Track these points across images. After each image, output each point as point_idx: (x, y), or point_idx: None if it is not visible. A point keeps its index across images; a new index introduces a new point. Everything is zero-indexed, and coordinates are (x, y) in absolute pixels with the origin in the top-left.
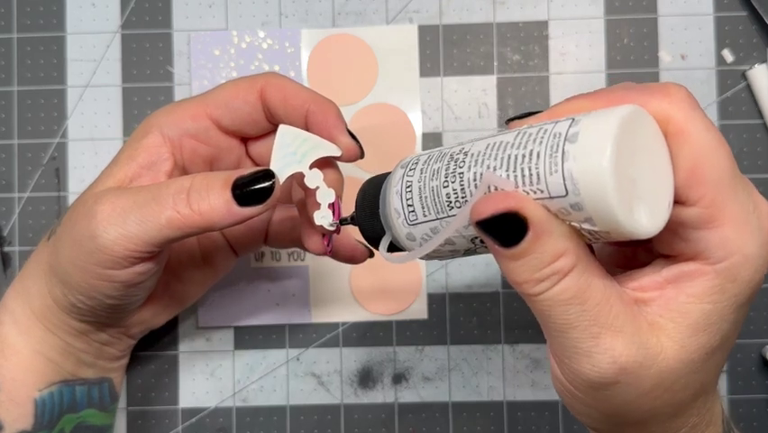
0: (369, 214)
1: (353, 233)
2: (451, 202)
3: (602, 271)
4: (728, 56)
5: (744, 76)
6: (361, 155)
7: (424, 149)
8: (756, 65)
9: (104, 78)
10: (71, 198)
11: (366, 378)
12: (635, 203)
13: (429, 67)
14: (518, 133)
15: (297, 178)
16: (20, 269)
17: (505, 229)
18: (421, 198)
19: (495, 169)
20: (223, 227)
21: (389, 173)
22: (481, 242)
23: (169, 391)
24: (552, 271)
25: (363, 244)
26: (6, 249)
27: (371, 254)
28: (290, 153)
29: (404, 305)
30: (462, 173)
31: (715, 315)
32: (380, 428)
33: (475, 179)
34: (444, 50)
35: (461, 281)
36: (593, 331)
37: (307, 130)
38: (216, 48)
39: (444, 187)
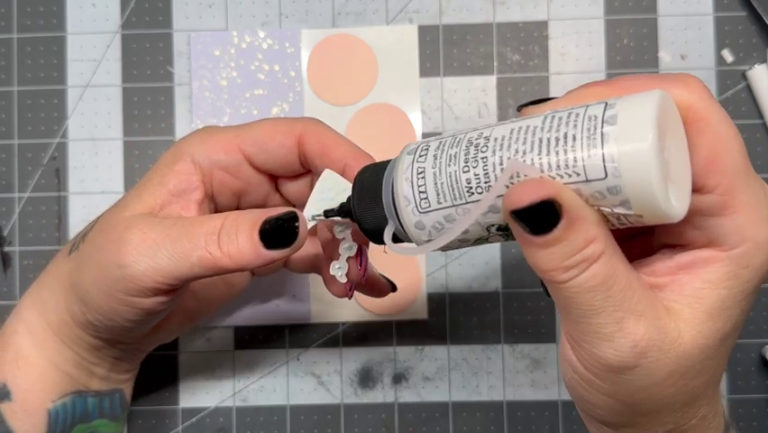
0: (369, 203)
1: (376, 265)
2: (471, 188)
3: (624, 256)
4: (728, 56)
5: (743, 76)
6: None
7: None
8: (756, 65)
9: (104, 78)
10: (71, 199)
11: (366, 378)
12: (669, 186)
13: (429, 67)
14: (545, 118)
15: (327, 223)
16: (20, 269)
17: (537, 217)
18: (436, 184)
19: (525, 153)
20: (251, 269)
21: (388, 161)
22: (498, 229)
23: (169, 392)
24: (582, 258)
25: (386, 278)
26: (6, 249)
27: (394, 289)
28: (328, 199)
29: (404, 305)
30: (486, 158)
31: (729, 301)
32: (380, 428)
33: (501, 164)
34: (444, 50)
35: (461, 281)
36: (617, 316)
37: None
38: (216, 48)
39: (465, 172)
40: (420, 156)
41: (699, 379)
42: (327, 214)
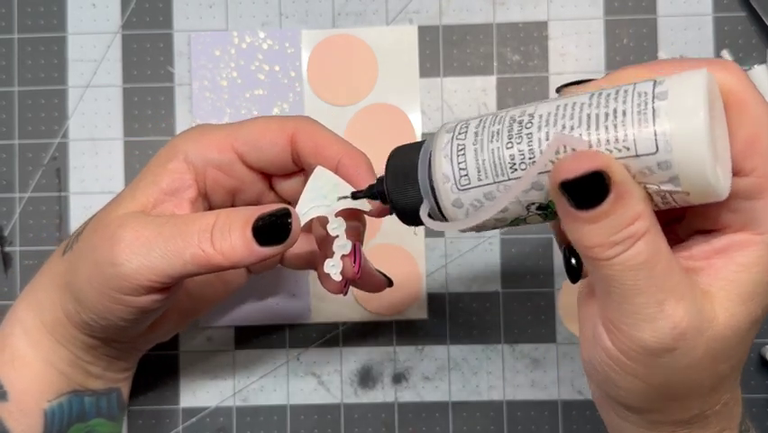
0: (403, 182)
1: (372, 261)
2: (515, 164)
3: (665, 237)
4: (727, 56)
5: None
6: (390, 213)
7: None
8: (756, 65)
9: (104, 79)
10: (72, 199)
11: (366, 378)
12: (717, 164)
13: (429, 67)
14: (592, 95)
15: (321, 219)
16: (20, 269)
17: (585, 190)
18: (477, 160)
19: (572, 128)
20: (245, 266)
21: (421, 142)
22: (537, 208)
23: (169, 391)
24: (627, 235)
25: (382, 273)
26: (7, 249)
27: (391, 284)
28: (320, 196)
29: (404, 305)
30: (531, 134)
31: (762, 285)
32: (380, 428)
33: (547, 139)
34: (444, 50)
35: (461, 281)
36: (659, 297)
37: None
38: (217, 48)
39: (508, 148)
40: (460, 133)
41: (727, 363)
42: (355, 195)
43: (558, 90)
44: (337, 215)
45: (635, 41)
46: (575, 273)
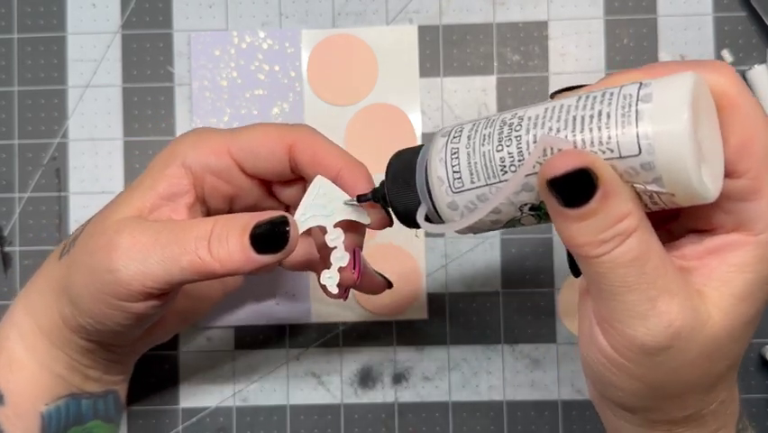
0: (402, 185)
1: (375, 266)
2: (505, 166)
3: (657, 236)
4: (728, 56)
5: (743, 76)
6: (390, 224)
7: None
8: (756, 65)
9: (104, 79)
10: (72, 199)
11: (366, 378)
12: (702, 166)
13: (429, 67)
14: (579, 98)
15: (320, 229)
16: (20, 269)
17: (573, 188)
18: (470, 163)
19: (558, 130)
20: (242, 273)
21: (420, 146)
22: (530, 209)
23: (168, 392)
24: (616, 232)
25: (381, 275)
26: (7, 249)
27: (390, 285)
28: (319, 206)
29: (404, 305)
30: (520, 136)
31: (756, 285)
32: (380, 428)
33: (535, 141)
34: (444, 50)
35: (461, 281)
36: (651, 294)
37: None
38: (217, 48)
39: (498, 151)
40: (454, 137)
41: (723, 362)
42: (360, 198)
43: (552, 96)
44: (336, 225)
45: (635, 41)
46: (577, 268)
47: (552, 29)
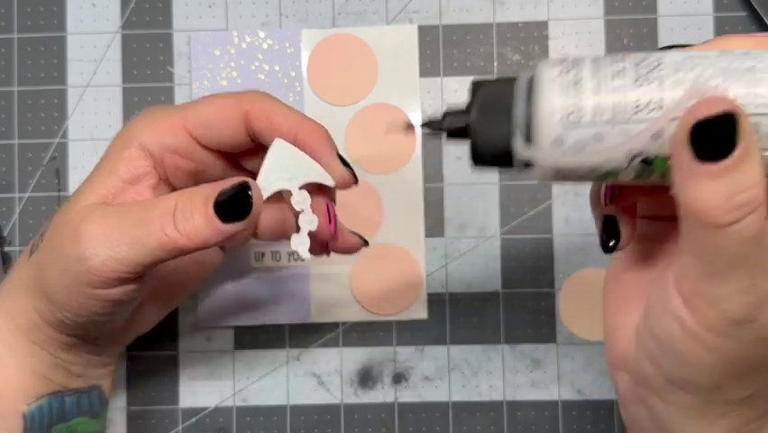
0: (494, 116)
1: (343, 222)
2: (639, 107)
3: None
4: None
5: None
6: (355, 182)
7: (424, 150)
8: None
9: (104, 79)
10: None
11: (366, 378)
12: None
13: (429, 67)
14: (719, 53)
15: (285, 193)
16: None
17: (712, 139)
18: (596, 97)
19: (709, 78)
20: (212, 246)
21: (512, 77)
22: (642, 161)
23: (169, 391)
24: (748, 199)
25: (358, 235)
26: (7, 249)
27: (366, 243)
28: (281, 169)
29: (404, 305)
30: (662, 77)
31: None
32: (380, 428)
33: (681, 85)
34: (444, 50)
35: (461, 281)
36: (755, 272)
37: None
38: (217, 48)
39: (635, 88)
40: (573, 67)
41: None
42: (426, 125)
43: (662, 50)
44: (301, 188)
45: (636, 41)
46: (609, 244)
47: (552, 29)
